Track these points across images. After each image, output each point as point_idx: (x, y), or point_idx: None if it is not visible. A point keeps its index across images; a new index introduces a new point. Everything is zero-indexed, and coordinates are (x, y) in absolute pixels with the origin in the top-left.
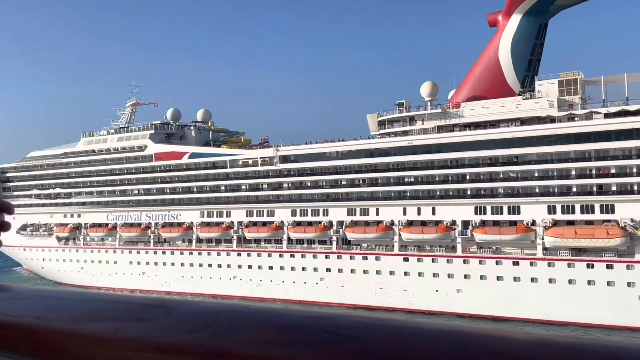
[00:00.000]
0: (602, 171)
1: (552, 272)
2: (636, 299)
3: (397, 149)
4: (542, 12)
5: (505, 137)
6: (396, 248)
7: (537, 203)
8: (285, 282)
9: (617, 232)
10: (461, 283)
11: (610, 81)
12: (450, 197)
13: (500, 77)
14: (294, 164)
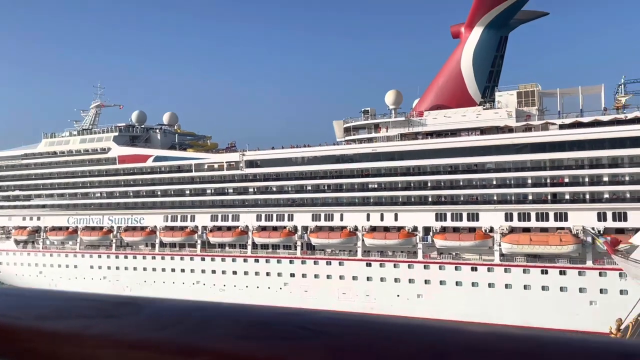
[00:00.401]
0: (556, 180)
1: (508, 278)
2: (587, 304)
3: (361, 155)
4: (502, 25)
5: (465, 146)
6: (359, 253)
7: (494, 210)
8: (248, 286)
9: (569, 239)
10: (421, 288)
11: (566, 93)
12: (412, 204)
13: (462, 87)
14: (260, 168)
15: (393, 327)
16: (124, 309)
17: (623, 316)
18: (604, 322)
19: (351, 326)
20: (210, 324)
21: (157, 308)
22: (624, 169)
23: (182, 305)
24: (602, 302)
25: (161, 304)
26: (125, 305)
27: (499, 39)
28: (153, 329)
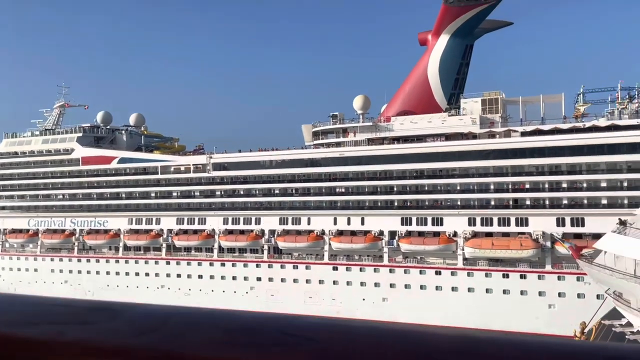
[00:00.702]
0: (518, 186)
1: (471, 281)
2: (546, 308)
3: (329, 159)
4: (467, 34)
5: (430, 151)
6: (326, 257)
7: (458, 215)
8: (214, 290)
9: (529, 244)
10: (387, 291)
11: (528, 101)
12: (379, 208)
13: (428, 93)
14: (227, 171)
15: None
16: (99, 315)
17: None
18: (562, 325)
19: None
20: (191, 329)
21: (134, 313)
22: (582, 176)
23: (160, 311)
24: (560, 306)
25: (138, 309)
26: (100, 310)
27: (464, 47)
28: (131, 335)
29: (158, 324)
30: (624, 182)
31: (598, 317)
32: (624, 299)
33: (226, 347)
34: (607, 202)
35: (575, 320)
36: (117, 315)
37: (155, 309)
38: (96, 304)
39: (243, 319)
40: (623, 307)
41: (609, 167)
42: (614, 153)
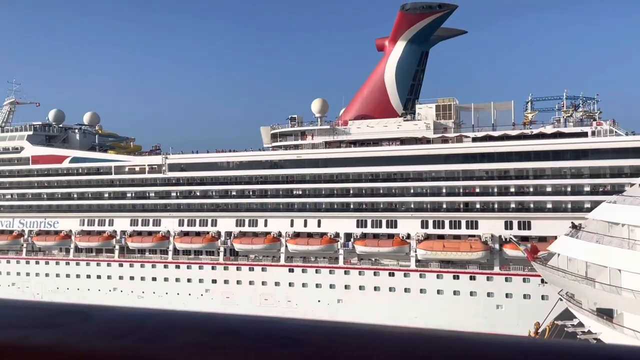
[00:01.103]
0: (468, 190)
1: (423, 283)
2: (494, 308)
3: (286, 161)
4: (423, 41)
5: (385, 155)
6: (282, 259)
7: (412, 217)
8: (168, 293)
9: (478, 246)
10: (341, 293)
11: (480, 108)
12: (335, 210)
13: (385, 98)
14: (183, 172)
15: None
16: (67, 318)
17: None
18: (509, 324)
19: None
20: (170, 332)
21: (106, 316)
22: (529, 181)
23: (135, 313)
24: (507, 306)
25: (111, 312)
26: (68, 313)
27: (420, 53)
28: (105, 338)
29: (135, 327)
30: (567, 187)
31: (551, 317)
32: (575, 300)
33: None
34: (552, 206)
35: (521, 320)
36: (88, 317)
37: (132, 311)
38: (63, 306)
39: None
40: (575, 307)
41: (554, 172)
42: (559, 159)
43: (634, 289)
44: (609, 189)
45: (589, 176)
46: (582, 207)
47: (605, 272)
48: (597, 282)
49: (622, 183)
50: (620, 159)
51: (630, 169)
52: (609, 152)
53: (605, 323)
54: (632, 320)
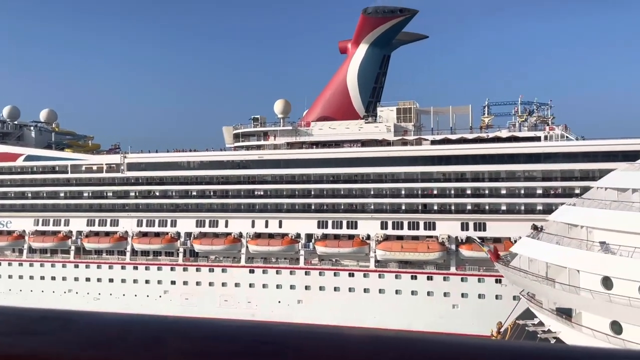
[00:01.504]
0: (426, 191)
1: (382, 283)
2: (450, 307)
3: (247, 162)
4: (385, 45)
5: (346, 157)
6: (242, 260)
7: (371, 219)
8: (125, 295)
9: (435, 247)
10: (302, 294)
11: (439, 112)
12: (296, 211)
13: (347, 100)
14: (142, 171)
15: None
16: (47, 325)
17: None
18: (465, 324)
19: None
20: (159, 339)
21: (89, 322)
22: (484, 183)
23: (119, 319)
24: (463, 306)
25: (94, 317)
26: (47, 319)
27: (382, 57)
28: (89, 346)
29: (121, 334)
30: (521, 190)
31: (513, 317)
32: (536, 299)
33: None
34: (506, 208)
35: (477, 320)
36: (69, 324)
37: (115, 317)
38: (41, 312)
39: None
40: (535, 307)
41: (509, 175)
42: (513, 162)
43: (592, 289)
44: (560, 191)
45: (542, 179)
46: (534, 209)
47: (564, 272)
48: (556, 282)
49: (572, 186)
50: (570, 162)
51: (580, 172)
52: (560, 156)
53: (564, 322)
54: (590, 320)
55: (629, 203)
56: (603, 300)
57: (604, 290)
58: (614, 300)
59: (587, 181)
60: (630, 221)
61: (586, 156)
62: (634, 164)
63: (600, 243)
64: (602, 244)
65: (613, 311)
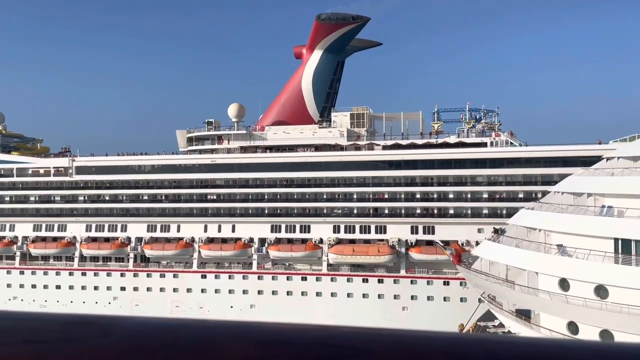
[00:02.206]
0: (377, 196)
1: (334, 286)
2: (400, 310)
3: (200, 166)
4: (339, 51)
5: (299, 161)
6: (195, 265)
7: (324, 222)
8: (73, 302)
9: (386, 250)
10: (254, 298)
11: (391, 117)
12: (249, 215)
13: (302, 105)
14: (92, 175)
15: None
16: (83, 331)
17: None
18: (415, 326)
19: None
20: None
21: (127, 327)
22: (433, 188)
23: (160, 323)
24: (412, 308)
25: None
26: (82, 325)
27: (336, 63)
28: (136, 353)
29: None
30: (467, 194)
31: (475, 318)
32: (497, 301)
33: None
34: (454, 212)
35: (425, 321)
36: (107, 330)
37: (156, 321)
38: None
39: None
40: (496, 309)
41: (456, 180)
42: (460, 167)
43: (550, 290)
44: (504, 196)
45: (487, 184)
46: (481, 213)
47: (523, 274)
48: (516, 284)
49: (516, 190)
50: (514, 167)
51: (523, 177)
52: (504, 162)
53: (523, 323)
54: (548, 320)
55: (584, 207)
56: (560, 301)
57: (561, 292)
58: (571, 302)
59: (529, 185)
60: (586, 224)
61: (529, 161)
62: (588, 169)
63: (557, 246)
64: (559, 247)
65: (570, 312)
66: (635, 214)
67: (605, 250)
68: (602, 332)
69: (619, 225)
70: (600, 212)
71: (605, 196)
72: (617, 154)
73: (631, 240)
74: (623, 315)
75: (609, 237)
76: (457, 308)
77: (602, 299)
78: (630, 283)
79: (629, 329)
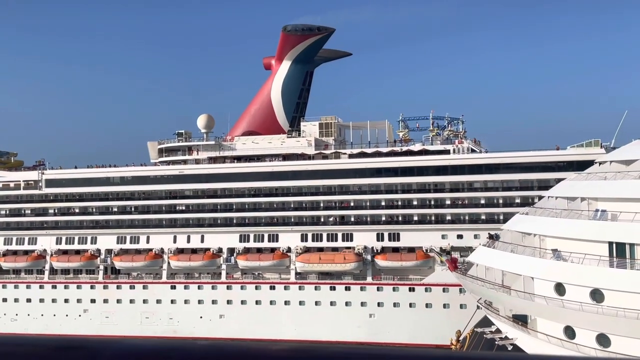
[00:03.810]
0: (344, 204)
1: (302, 295)
2: (367, 317)
3: (168, 177)
4: (307, 61)
5: (266, 171)
6: (164, 276)
7: (292, 231)
8: (44, 315)
9: (352, 258)
10: (224, 308)
11: (358, 126)
12: (218, 225)
13: (272, 115)
14: (61, 188)
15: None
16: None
17: (396, 327)
18: (381, 332)
19: None
20: None
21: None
22: (397, 195)
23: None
24: (379, 315)
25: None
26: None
27: (304, 73)
28: None
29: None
30: (431, 201)
31: (472, 325)
32: (493, 307)
33: None
34: (418, 218)
35: (392, 328)
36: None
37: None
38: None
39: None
40: (493, 315)
41: (419, 187)
42: (423, 175)
43: (546, 295)
44: (467, 202)
45: (449, 190)
46: (444, 219)
47: (519, 280)
48: (512, 289)
49: (478, 197)
50: (474, 174)
51: (483, 183)
52: (465, 169)
53: (520, 329)
54: (545, 325)
55: (578, 211)
56: (556, 306)
57: (557, 296)
58: (567, 306)
59: (490, 192)
60: (580, 229)
61: (489, 168)
62: (581, 174)
63: (552, 250)
64: (555, 252)
65: (566, 316)
66: (628, 217)
67: (600, 254)
68: (598, 336)
69: (613, 229)
70: (594, 216)
71: (598, 200)
72: (609, 158)
73: (625, 243)
74: (619, 319)
75: (603, 241)
76: (423, 314)
77: (598, 303)
78: (625, 286)
79: (625, 332)
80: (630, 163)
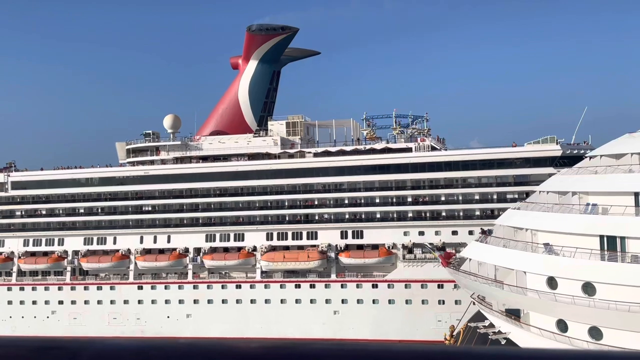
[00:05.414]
0: (308, 202)
1: (268, 293)
2: (332, 314)
3: (134, 178)
4: (273, 61)
5: (232, 170)
6: (131, 276)
7: (257, 230)
8: (12, 317)
9: (315, 255)
10: (190, 308)
11: (323, 125)
12: (184, 225)
13: (240, 115)
14: (28, 190)
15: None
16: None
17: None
18: (345, 329)
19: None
20: None
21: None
22: (360, 193)
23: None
24: (343, 311)
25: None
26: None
27: (271, 72)
28: None
29: None
30: (393, 199)
31: (465, 320)
32: (486, 302)
33: None
34: (380, 216)
35: (356, 324)
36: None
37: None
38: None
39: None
40: (486, 309)
41: (382, 185)
42: (384, 172)
43: (538, 289)
44: (427, 199)
45: (411, 188)
46: (406, 216)
47: (512, 274)
48: (505, 284)
49: (438, 194)
50: (435, 172)
51: (445, 180)
52: (425, 166)
53: (513, 323)
54: (537, 319)
55: (569, 205)
56: (548, 299)
57: (549, 290)
58: (559, 300)
59: (451, 189)
60: (571, 223)
61: (449, 165)
62: (572, 168)
63: (544, 245)
64: (546, 246)
65: (558, 310)
66: (619, 211)
67: (592, 248)
68: (590, 329)
69: (604, 222)
70: (585, 210)
71: (589, 194)
72: (599, 152)
73: (616, 236)
74: (611, 312)
75: (594, 235)
76: (386, 309)
77: (589, 296)
78: (616, 279)
79: (616, 325)
80: (620, 157)
